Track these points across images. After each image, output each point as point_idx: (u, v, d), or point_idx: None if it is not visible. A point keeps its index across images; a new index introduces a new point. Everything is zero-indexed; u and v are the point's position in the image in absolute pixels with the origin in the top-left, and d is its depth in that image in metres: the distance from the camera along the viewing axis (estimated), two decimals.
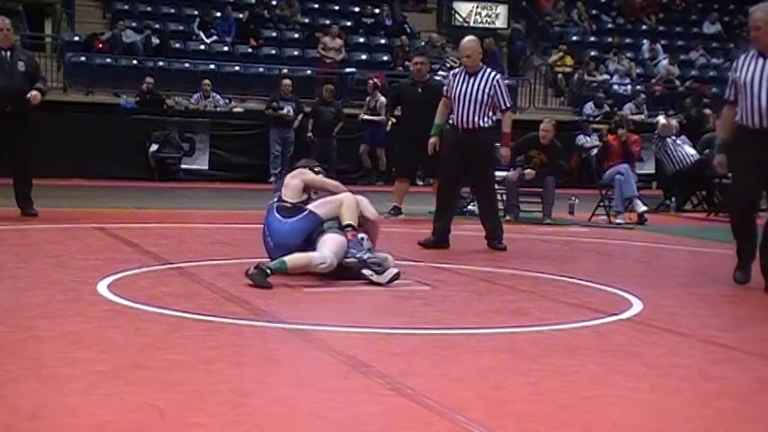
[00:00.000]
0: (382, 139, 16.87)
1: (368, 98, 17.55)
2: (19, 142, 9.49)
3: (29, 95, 9.34)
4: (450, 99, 8.38)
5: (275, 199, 6.57)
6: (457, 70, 8.59)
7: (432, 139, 8.65)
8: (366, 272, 6.10)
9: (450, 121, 8.52)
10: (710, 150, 13.60)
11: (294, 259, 6.04)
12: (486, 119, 8.27)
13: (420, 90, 11.05)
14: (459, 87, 8.29)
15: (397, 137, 11.42)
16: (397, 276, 6.07)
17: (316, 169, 6.77)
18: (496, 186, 12.01)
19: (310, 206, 6.41)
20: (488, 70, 8.46)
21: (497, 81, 8.32)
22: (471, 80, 8.27)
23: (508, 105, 8.44)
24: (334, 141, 17.00)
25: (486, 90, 8.21)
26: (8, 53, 9.53)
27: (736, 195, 6.73)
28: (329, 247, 6.13)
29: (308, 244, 6.25)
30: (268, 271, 5.86)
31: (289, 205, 6.43)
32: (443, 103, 8.55)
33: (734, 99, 6.48)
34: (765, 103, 6.24)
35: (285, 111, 17.05)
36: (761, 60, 6.33)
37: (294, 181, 6.54)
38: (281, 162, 17.12)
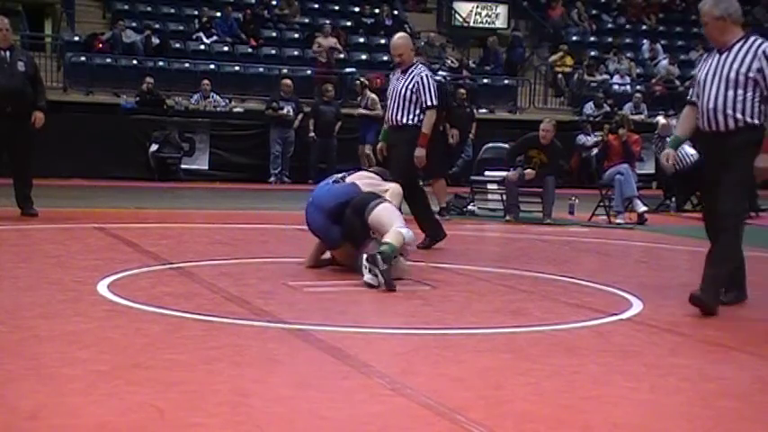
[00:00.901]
0: (374, 138, 16.85)
1: (359, 98, 17.55)
2: (19, 142, 9.49)
3: (33, 119, 9.44)
4: None
5: (338, 176, 6.88)
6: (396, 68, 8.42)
7: (378, 145, 8.54)
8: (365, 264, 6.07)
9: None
10: None
11: (395, 238, 6.13)
12: (410, 116, 8.03)
13: None
14: (391, 85, 8.23)
15: None
16: (370, 285, 6.00)
17: (390, 179, 7.09)
18: (496, 186, 12.13)
19: (358, 182, 6.66)
20: (418, 67, 8.20)
21: (422, 78, 8.04)
22: (401, 77, 8.13)
23: (430, 104, 8.03)
24: (334, 141, 17.04)
25: (410, 87, 8.00)
26: (7, 53, 9.54)
27: (705, 209, 6.11)
28: (397, 220, 6.32)
29: (340, 216, 6.42)
30: (391, 261, 5.95)
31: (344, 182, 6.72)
32: (389, 107, 8.42)
33: (696, 99, 5.80)
34: (713, 105, 5.58)
35: (285, 111, 17.06)
36: (716, 57, 5.67)
37: (380, 187, 6.75)
38: (281, 162, 17.14)
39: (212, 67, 19.33)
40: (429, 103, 8.01)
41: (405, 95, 8.02)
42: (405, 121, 8.07)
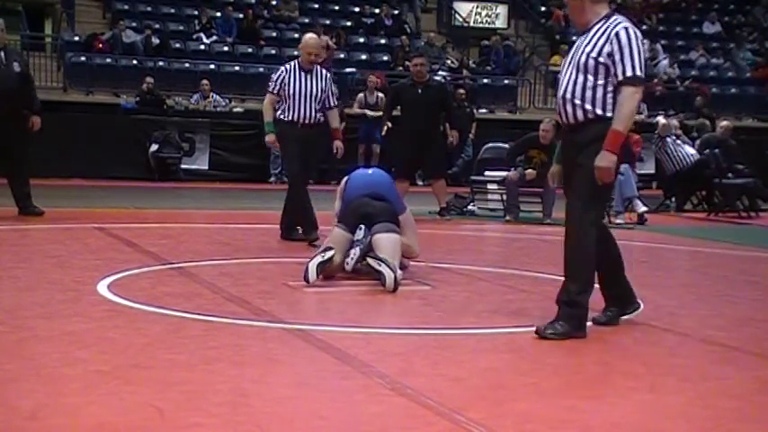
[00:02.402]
0: (379, 138, 16.84)
1: (360, 95, 17.53)
2: (15, 142, 9.47)
3: (31, 123, 9.47)
4: (285, 96, 8.32)
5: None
6: (289, 66, 8.50)
7: (270, 137, 8.52)
8: (375, 264, 6.03)
9: (286, 117, 8.36)
10: (710, 150, 13.65)
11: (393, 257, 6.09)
12: (321, 114, 8.47)
13: (420, 91, 11.07)
14: (297, 84, 8.34)
15: (396, 137, 11.42)
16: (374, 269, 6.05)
17: None
18: (496, 186, 12.13)
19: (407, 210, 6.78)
20: (319, 68, 8.58)
21: (329, 78, 8.56)
22: (309, 77, 8.38)
23: (335, 104, 8.67)
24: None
25: (323, 87, 8.41)
26: (2, 54, 9.51)
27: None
28: (396, 257, 6.20)
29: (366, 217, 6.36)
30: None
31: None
32: (270, 101, 8.48)
33: None
34: (562, 93, 4.91)
35: None
36: (578, 40, 4.99)
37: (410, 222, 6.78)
38: (281, 162, 17.11)
39: (212, 67, 19.32)
40: (335, 104, 8.65)
41: (317, 95, 8.40)
42: (320, 118, 8.46)
